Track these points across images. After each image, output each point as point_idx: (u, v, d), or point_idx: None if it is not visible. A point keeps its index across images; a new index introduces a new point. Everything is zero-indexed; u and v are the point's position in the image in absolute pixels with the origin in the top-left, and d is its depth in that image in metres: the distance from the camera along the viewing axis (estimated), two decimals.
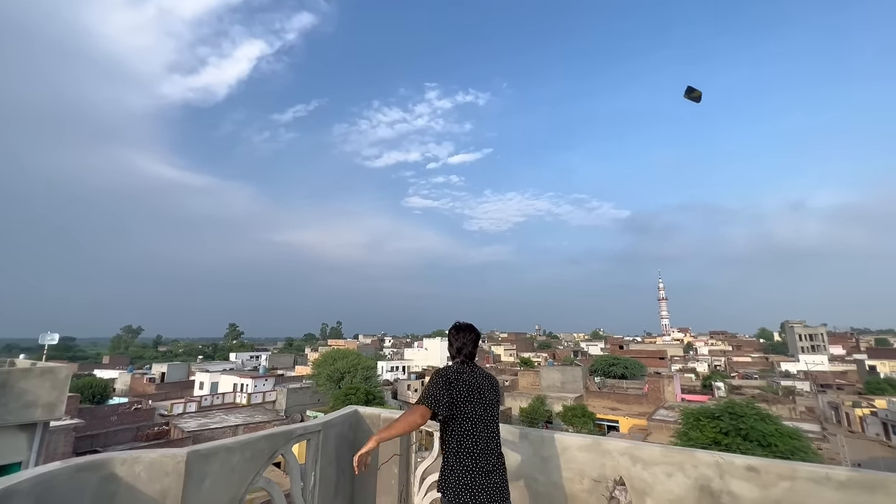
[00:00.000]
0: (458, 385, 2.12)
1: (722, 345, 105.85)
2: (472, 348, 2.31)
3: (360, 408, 3.64)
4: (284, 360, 76.11)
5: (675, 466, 2.33)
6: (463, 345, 2.30)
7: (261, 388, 42.21)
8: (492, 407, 2.18)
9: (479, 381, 2.19)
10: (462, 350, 2.29)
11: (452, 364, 2.29)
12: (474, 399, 2.12)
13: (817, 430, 30.72)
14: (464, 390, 2.12)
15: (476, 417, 2.11)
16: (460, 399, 2.10)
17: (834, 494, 1.97)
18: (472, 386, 2.16)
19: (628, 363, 53.91)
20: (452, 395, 2.10)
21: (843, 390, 52.39)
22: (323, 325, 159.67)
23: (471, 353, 2.31)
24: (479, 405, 2.13)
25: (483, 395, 2.16)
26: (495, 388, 2.25)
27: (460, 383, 2.13)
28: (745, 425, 21.16)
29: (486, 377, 2.24)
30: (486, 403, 2.15)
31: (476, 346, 2.33)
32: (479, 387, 2.17)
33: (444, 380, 2.15)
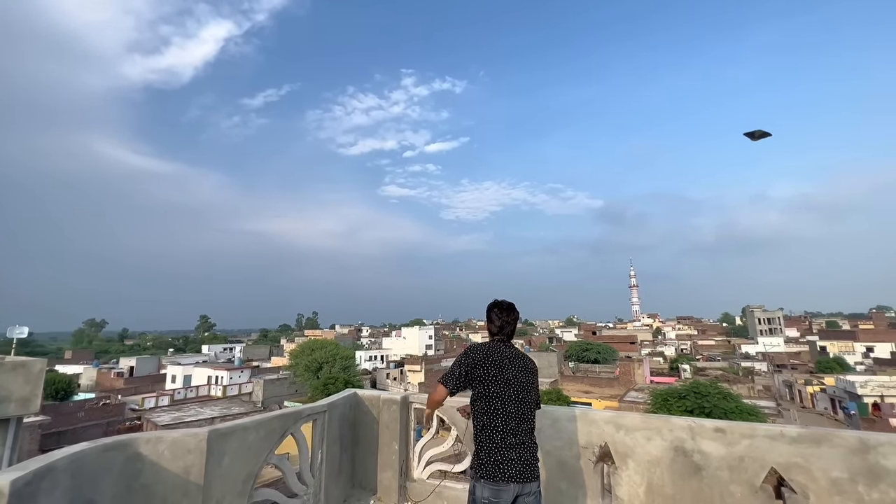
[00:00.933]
0: (486, 363, 2.14)
1: (688, 329, 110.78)
2: (513, 328, 2.32)
3: (359, 391, 3.81)
4: (260, 352, 74.90)
5: (654, 431, 2.62)
6: (505, 324, 2.28)
7: (236, 381, 41.58)
8: (524, 388, 2.15)
9: (512, 361, 2.17)
10: (504, 329, 2.29)
11: (488, 342, 2.29)
12: (505, 378, 2.11)
13: (773, 407, 32.90)
14: (493, 369, 2.12)
15: (506, 397, 2.09)
16: (489, 377, 2.12)
17: (787, 448, 2.29)
18: (503, 365, 2.14)
19: (601, 348, 55.82)
20: (474, 374, 2.14)
21: (797, 370, 56.01)
22: (299, 316, 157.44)
23: (511, 333, 2.31)
24: (510, 386, 2.11)
25: (515, 375, 2.14)
26: (530, 370, 2.22)
27: (489, 362, 2.14)
28: (708, 404, 22.56)
29: (520, 358, 2.21)
30: (517, 384, 2.13)
31: (515, 327, 2.34)
32: (510, 367, 2.15)
33: (467, 359, 2.19)
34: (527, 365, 2.21)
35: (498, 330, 2.28)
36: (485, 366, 2.15)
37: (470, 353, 2.22)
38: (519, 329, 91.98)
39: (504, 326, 2.29)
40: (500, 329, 2.28)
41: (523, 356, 2.23)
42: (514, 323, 2.32)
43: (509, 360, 2.18)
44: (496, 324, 2.29)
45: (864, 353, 59.41)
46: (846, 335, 67.92)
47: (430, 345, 72.62)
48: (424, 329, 78.01)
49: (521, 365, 2.19)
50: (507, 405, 2.09)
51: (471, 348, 2.24)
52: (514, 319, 2.31)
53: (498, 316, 2.29)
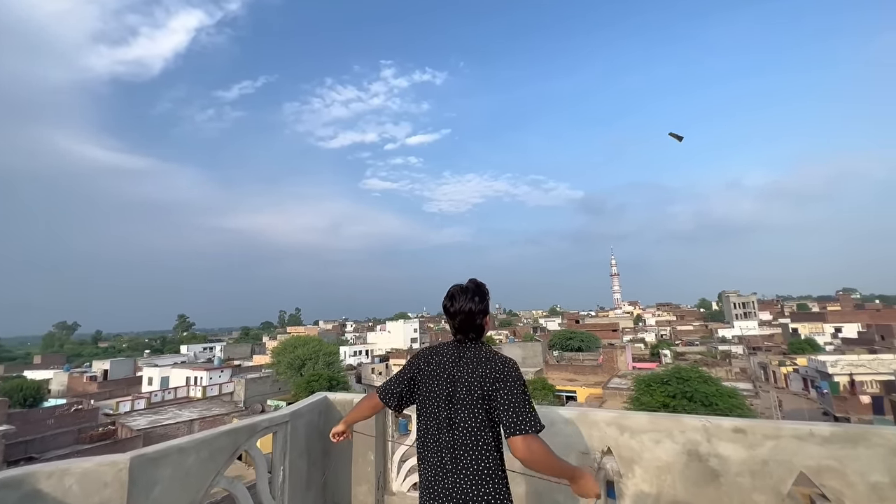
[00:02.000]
0: (423, 372, 1.69)
1: (667, 315, 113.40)
2: (469, 322, 1.66)
3: (329, 394, 3.40)
4: (241, 350, 73.32)
5: (663, 433, 2.30)
6: (453, 317, 1.68)
7: (217, 381, 40.49)
8: (459, 408, 1.55)
9: (454, 370, 1.60)
10: (455, 325, 1.69)
11: (439, 343, 1.77)
12: (433, 393, 1.62)
13: (750, 388, 33.86)
14: (425, 380, 1.66)
15: (430, 418, 1.61)
16: (421, 391, 1.67)
17: (818, 450, 1.99)
18: (436, 376, 1.63)
19: (584, 336, 56.55)
20: (412, 386, 1.71)
21: (771, 351, 57.91)
22: (281, 313, 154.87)
23: (467, 327, 1.67)
24: (438, 403, 1.59)
25: (450, 389, 1.58)
26: (478, 380, 1.55)
27: (426, 370, 1.68)
28: (689, 388, 22.96)
29: (472, 364, 1.59)
30: (451, 402, 1.56)
31: (477, 320, 1.67)
32: (447, 378, 1.60)
33: (409, 365, 1.76)
34: (477, 375, 1.55)
35: (452, 327, 1.70)
36: (421, 376, 1.69)
37: (413, 358, 1.77)
38: (503, 320, 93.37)
39: (454, 320, 1.68)
40: (453, 326, 1.69)
41: (480, 362, 1.59)
42: (467, 315, 1.65)
43: (452, 367, 1.62)
44: (448, 320, 1.71)
45: (833, 334, 61.87)
46: (816, 317, 70.56)
47: (415, 338, 72.31)
48: (409, 322, 77.68)
49: (467, 376, 1.57)
50: (431, 428, 1.60)
51: (418, 352, 1.79)
52: (461, 311, 1.64)
53: (445, 309, 1.70)
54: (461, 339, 1.69)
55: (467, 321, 1.66)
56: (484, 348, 1.66)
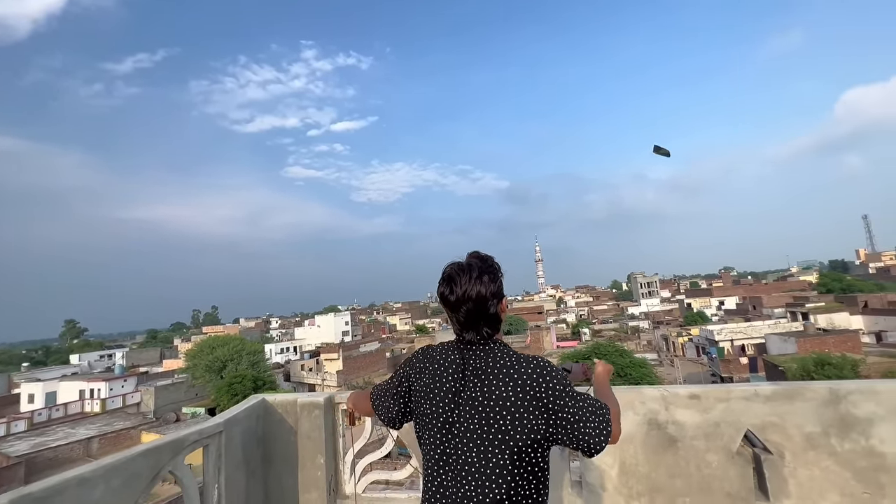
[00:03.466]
0: (414, 387, 1.25)
1: (585, 297, 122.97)
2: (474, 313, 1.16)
3: (267, 396, 3.03)
4: (148, 356, 65.83)
5: (625, 406, 2.34)
6: (454, 309, 1.18)
7: (119, 391, 35.94)
8: (463, 434, 1.10)
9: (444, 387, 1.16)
10: (458, 319, 1.18)
11: (439, 344, 1.29)
12: (438, 412, 1.15)
13: (655, 358, 38.09)
14: (423, 394, 1.20)
15: (426, 444, 1.18)
16: (416, 405, 1.23)
17: (762, 407, 2.15)
18: (438, 386, 1.17)
19: (512, 320, 59.30)
20: (406, 404, 1.28)
21: (670, 324, 65.48)
22: (195, 312, 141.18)
23: (472, 322, 1.17)
24: (436, 420, 1.15)
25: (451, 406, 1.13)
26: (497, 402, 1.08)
27: (418, 384, 1.23)
28: (608, 361, 25.18)
29: (482, 374, 1.12)
30: (451, 421, 1.12)
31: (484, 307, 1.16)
32: (440, 397, 1.16)
33: (396, 378, 1.33)
34: (495, 395, 1.08)
35: (456, 322, 1.19)
36: (415, 392, 1.24)
37: (403, 365, 1.32)
38: (436, 308, 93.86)
39: (457, 312, 1.17)
40: (457, 320, 1.18)
41: (499, 374, 1.11)
42: (476, 301, 1.14)
43: (452, 382, 1.15)
44: (450, 313, 1.20)
45: (718, 306, 71.58)
46: (704, 293, 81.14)
47: (346, 331, 70.36)
48: (340, 315, 75.29)
49: (477, 396, 1.10)
50: (430, 461, 1.17)
51: (409, 357, 1.33)
52: (468, 297, 1.14)
53: (443, 298, 1.20)
54: (470, 340, 1.18)
55: (476, 311, 1.16)
56: (502, 352, 1.16)
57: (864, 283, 62.65)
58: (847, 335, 31.45)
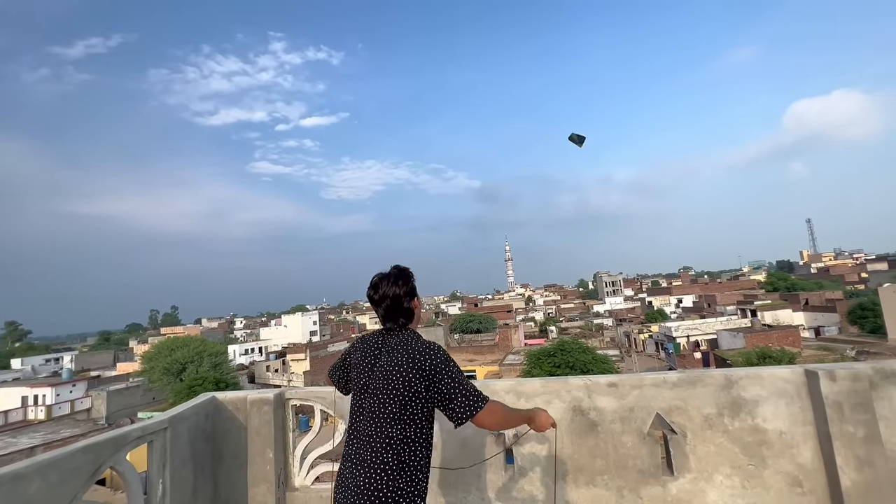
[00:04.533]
0: (349, 360, 1.72)
1: (553, 295, 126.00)
2: (391, 308, 1.62)
3: (218, 393, 3.08)
4: (100, 359, 62.20)
5: (553, 394, 2.56)
6: (377, 305, 1.66)
7: (66, 397, 33.91)
8: (378, 397, 1.51)
9: (372, 356, 1.60)
10: (380, 314, 1.66)
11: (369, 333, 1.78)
12: (358, 381, 1.61)
13: (617, 354, 39.57)
14: (353, 368, 1.66)
15: (355, 409, 1.60)
16: (351, 378, 1.68)
17: (669, 393, 2.42)
18: (360, 362, 1.63)
19: (482, 319, 59.98)
20: (347, 374, 1.74)
21: (633, 322, 68.22)
22: (152, 312, 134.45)
23: (390, 315, 1.64)
24: (364, 393, 1.57)
25: (369, 379, 1.56)
26: (398, 369, 1.51)
27: (352, 358, 1.70)
28: (571, 358, 25.99)
29: (393, 349, 1.57)
30: (370, 391, 1.54)
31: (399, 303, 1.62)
32: (368, 364, 1.59)
33: (343, 353, 1.82)
34: (395, 364, 1.52)
35: (380, 317, 1.66)
36: (352, 365, 1.69)
37: (349, 347, 1.81)
38: None
39: (379, 307, 1.64)
40: (380, 315, 1.66)
41: (400, 350, 1.55)
42: (392, 299, 1.62)
43: (372, 356, 1.61)
44: (375, 309, 1.69)
45: (677, 304, 75.11)
46: (664, 291, 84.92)
47: (314, 331, 69.06)
48: (308, 315, 73.81)
49: (384, 364, 1.54)
50: (352, 418, 1.59)
51: (351, 345, 1.80)
52: (385, 296, 1.62)
53: (370, 298, 1.68)
54: (389, 328, 1.65)
55: (393, 306, 1.62)
56: (407, 335, 1.60)
57: (807, 282, 67.49)
58: (789, 330, 33.85)
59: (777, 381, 2.32)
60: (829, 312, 43.35)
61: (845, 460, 2.10)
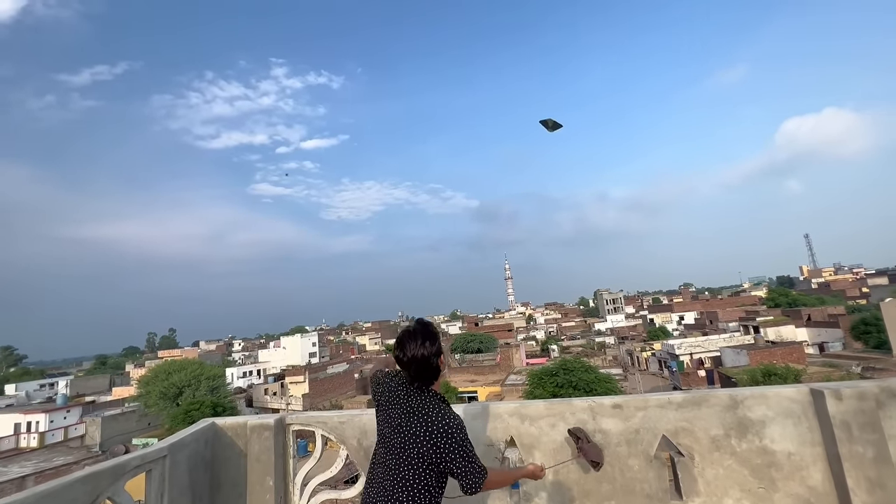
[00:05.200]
0: (376, 394, 1.79)
1: (554, 314, 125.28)
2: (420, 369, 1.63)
3: (218, 419, 3.03)
4: (96, 384, 61.30)
5: (557, 417, 2.53)
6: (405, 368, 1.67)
7: (60, 423, 33.26)
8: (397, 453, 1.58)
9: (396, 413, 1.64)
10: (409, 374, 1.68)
11: (394, 371, 1.81)
12: (381, 427, 1.70)
13: (621, 373, 39.06)
14: (378, 409, 1.74)
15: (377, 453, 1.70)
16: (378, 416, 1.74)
17: (674, 414, 2.39)
18: (384, 407, 1.71)
19: (483, 338, 59.46)
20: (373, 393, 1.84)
21: (635, 339, 67.63)
22: (150, 335, 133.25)
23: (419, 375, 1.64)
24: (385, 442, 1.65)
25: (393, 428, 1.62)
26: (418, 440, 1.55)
27: (378, 396, 1.77)
28: (574, 378, 25.64)
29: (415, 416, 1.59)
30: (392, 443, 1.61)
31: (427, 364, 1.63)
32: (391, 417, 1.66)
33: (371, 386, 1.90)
34: (422, 433, 1.54)
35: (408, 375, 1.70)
36: (378, 403, 1.76)
37: (373, 383, 1.90)
38: (406, 326, 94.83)
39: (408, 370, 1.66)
40: (409, 374, 1.68)
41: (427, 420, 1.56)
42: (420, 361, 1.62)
43: (400, 414, 1.63)
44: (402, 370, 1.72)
45: (678, 321, 74.59)
46: (665, 308, 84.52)
47: (313, 352, 68.30)
48: (307, 336, 73.10)
49: (413, 429, 1.57)
50: (375, 465, 1.69)
51: (374, 378, 1.89)
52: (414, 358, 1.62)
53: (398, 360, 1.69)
54: (418, 386, 1.66)
55: (422, 368, 1.62)
56: (431, 404, 1.62)
57: (808, 297, 67.15)
58: (793, 347, 33.57)
59: (783, 401, 2.30)
60: (832, 328, 43.02)
61: (856, 482, 2.07)
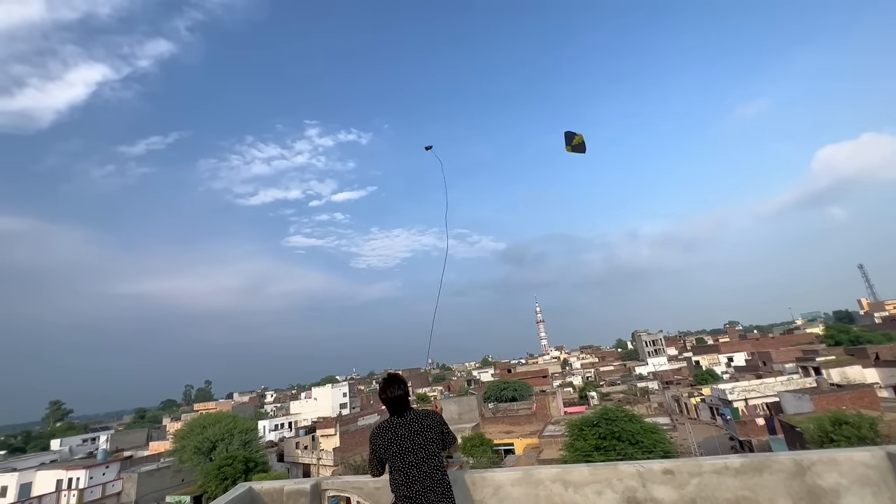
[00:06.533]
0: (381, 444, 2.30)
1: (591, 357, 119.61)
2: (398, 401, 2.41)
3: (254, 484, 3.03)
4: (134, 438, 62.23)
5: (604, 483, 2.39)
6: (387, 399, 2.44)
7: (99, 479, 33.54)
8: (422, 449, 2.25)
9: (404, 431, 2.30)
10: (389, 404, 2.44)
11: (385, 420, 2.44)
12: (400, 450, 2.24)
13: (668, 422, 36.23)
14: (389, 447, 2.27)
15: (407, 466, 2.21)
16: (388, 455, 2.27)
17: (733, 481, 2.21)
18: (395, 439, 2.28)
19: (517, 385, 57.05)
20: (380, 456, 2.32)
21: (681, 384, 63.17)
22: (187, 388, 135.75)
23: (397, 406, 2.41)
24: (409, 453, 2.23)
25: (410, 440, 2.26)
26: (429, 428, 2.33)
27: (384, 441, 2.30)
28: (617, 428, 23.93)
29: (416, 420, 2.34)
30: (415, 447, 2.24)
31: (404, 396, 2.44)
32: (403, 436, 2.28)
33: (370, 446, 2.38)
34: (424, 424, 2.34)
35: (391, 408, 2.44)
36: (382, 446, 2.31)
37: (373, 439, 2.38)
38: (437, 375, 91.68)
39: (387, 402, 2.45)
40: (388, 406, 2.45)
41: (422, 415, 2.39)
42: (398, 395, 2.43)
43: (400, 430, 2.32)
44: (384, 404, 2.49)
45: (727, 363, 69.52)
46: (712, 349, 79.13)
47: (344, 403, 67.37)
48: (338, 386, 72.48)
49: (418, 428, 2.31)
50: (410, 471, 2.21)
51: (373, 434, 2.39)
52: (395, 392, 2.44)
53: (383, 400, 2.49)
54: (394, 415, 2.42)
55: (403, 401, 2.44)
56: (416, 414, 2.41)
57: (872, 333, 61.47)
58: (863, 390, 30.34)
59: (857, 467, 2.09)
60: None
61: None
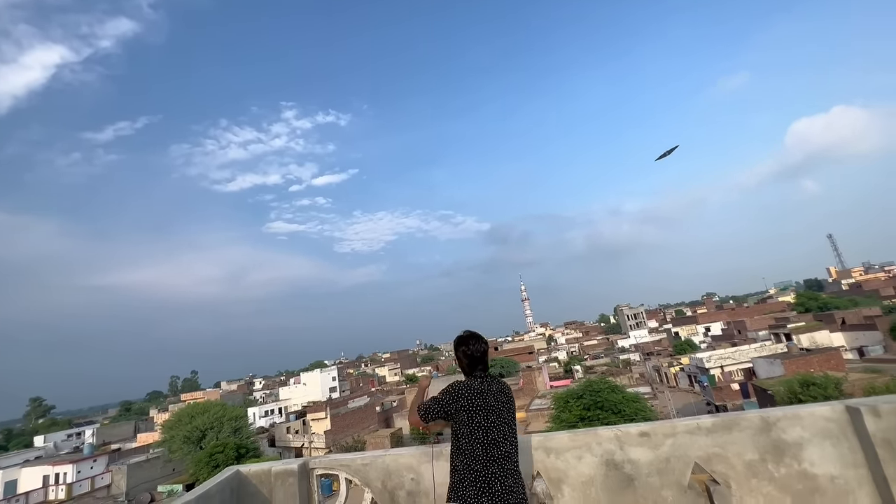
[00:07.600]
0: (465, 403, 2.17)
1: (575, 333, 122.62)
2: (484, 357, 2.32)
3: (242, 467, 3.03)
4: (121, 431, 61.67)
5: (584, 448, 2.47)
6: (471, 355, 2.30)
7: (87, 473, 33.32)
8: (506, 425, 2.19)
9: (493, 399, 2.20)
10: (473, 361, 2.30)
11: (469, 380, 2.27)
12: (486, 420, 2.14)
13: (649, 391, 37.69)
14: (477, 412, 2.15)
15: (488, 426, 2.13)
16: (466, 419, 2.14)
17: (705, 440, 2.31)
18: (485, 406, 2.17)
19: (504, 362, 58.21)
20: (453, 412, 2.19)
21: (661, 355, 65.46)
22: (173, 379, 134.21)
23: (482, 365, 2.31)
24: (492, 413, 2.15)
25: (497, 412, 2.18)
26: (512, 401, 2.28)
27: (469, 402, 2.17)
28: (601, 398, 24.78)
29: (503, 390, 2.26)
30: (498, 411, 2.17)
31: (486, 357, 2.35)
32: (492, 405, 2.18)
33: (451, 395, 2.21)
34: (508, 397, 2.26)
35: (469, 367, 2.31)
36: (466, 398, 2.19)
37: (453, 388, 2.24)
38: (425, 355, 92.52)
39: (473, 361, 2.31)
40: (472, 366, 2.30)
41: (504, 389, 2.27)
42: (484, 353, 2.34)
43: (487, 390, 2.21)
44: (465, 361, 2.32)
45: (704, 333, 72.14)
46: (690, 320, 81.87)
47: (334, 387, 67.80)
48: (327, 371, 72.76)
49: (504, 398, 2.23)
50: (489, 433, 2.13)
51: (454, 385, 2.26)
52: (482, 350, 2.33)
53: (465, 354, 2.31)
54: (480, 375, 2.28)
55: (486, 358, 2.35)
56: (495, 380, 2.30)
57: (840, 299, 64.53)
58: (830, 353, 32.00)
59: (818, 421, 2.21)
60: (870, 331, 40.98)
61: None
